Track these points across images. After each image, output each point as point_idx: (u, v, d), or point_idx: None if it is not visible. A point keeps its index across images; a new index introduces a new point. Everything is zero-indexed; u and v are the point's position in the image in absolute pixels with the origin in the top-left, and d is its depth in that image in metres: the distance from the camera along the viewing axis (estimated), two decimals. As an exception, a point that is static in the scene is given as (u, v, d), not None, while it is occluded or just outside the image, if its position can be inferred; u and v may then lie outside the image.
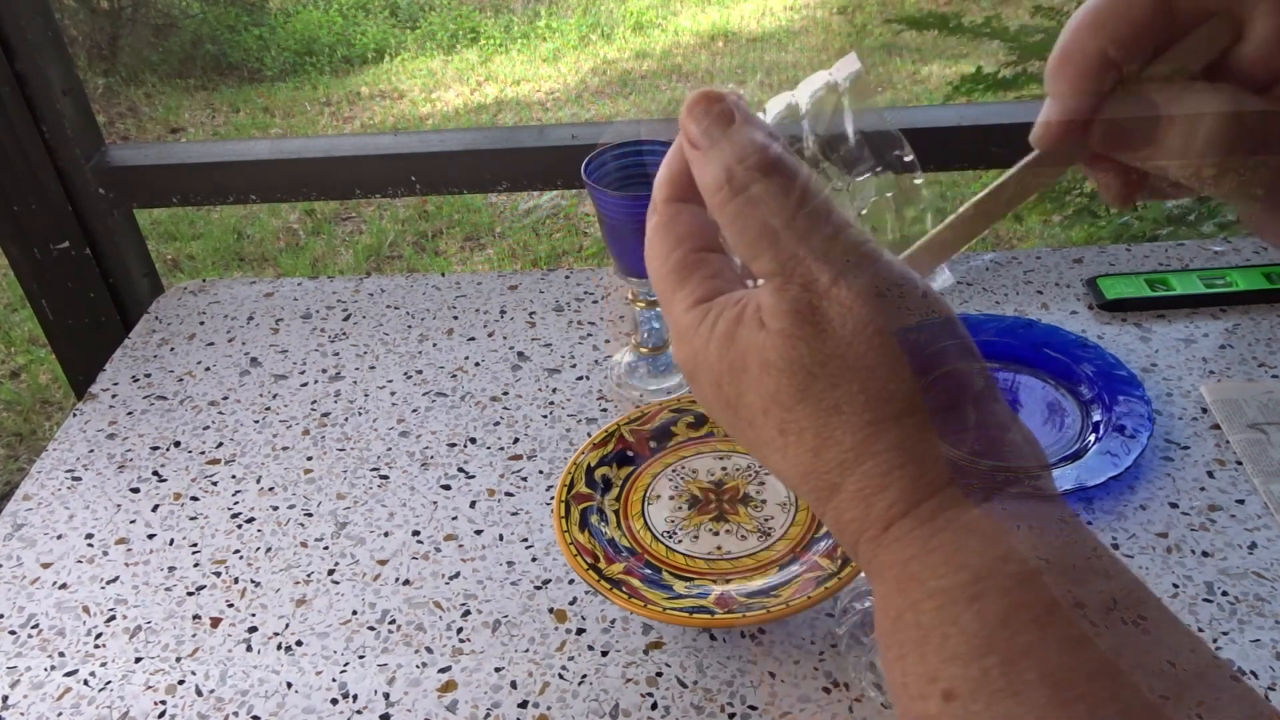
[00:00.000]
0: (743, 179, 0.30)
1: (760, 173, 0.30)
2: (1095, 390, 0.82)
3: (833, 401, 0.29)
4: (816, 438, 0.29)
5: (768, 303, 0.30)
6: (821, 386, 0.29)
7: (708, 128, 0.31)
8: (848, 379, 0.29)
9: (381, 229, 3.14)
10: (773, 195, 0.29)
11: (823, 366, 0.29)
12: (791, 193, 0.30)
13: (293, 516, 0.78)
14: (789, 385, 0.29)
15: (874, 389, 0.29)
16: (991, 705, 0.25)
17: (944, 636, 0.26)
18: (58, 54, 1.02)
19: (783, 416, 0.30)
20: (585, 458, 0.73)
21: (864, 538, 0.30)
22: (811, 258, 0.29)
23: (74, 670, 0.67)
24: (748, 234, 0.30)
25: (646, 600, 0.62)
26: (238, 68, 4.59)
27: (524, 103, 4.13)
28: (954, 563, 0.28)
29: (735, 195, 0.30)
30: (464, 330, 0.98)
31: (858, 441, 0.29)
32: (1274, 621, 0.65)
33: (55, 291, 1.11)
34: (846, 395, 0.29)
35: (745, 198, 0.30)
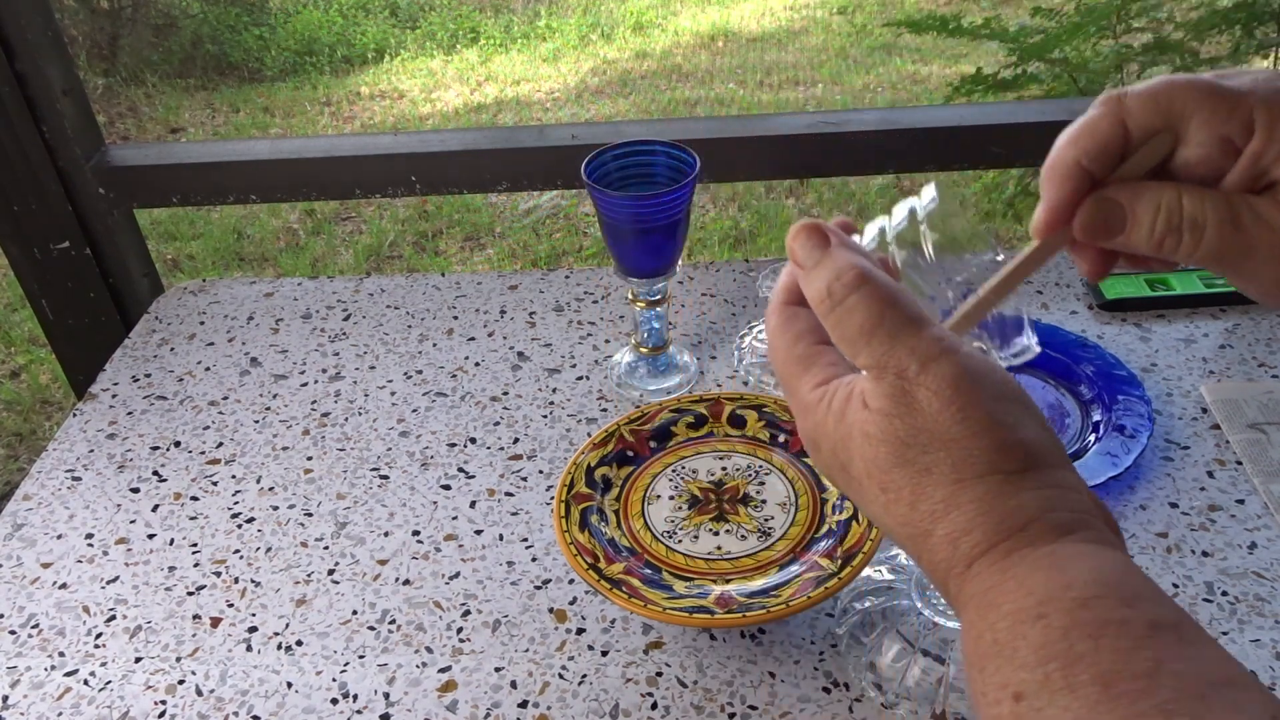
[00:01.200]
0: (839, 292, 0.38)
1: (852, 287, 0.37)
2: (1095, 390, 0.82)
3: (924, 465, 0.36)
4: (912, 494, 0.36)
5: (869, 388, 0.37)
6: (914, 453, 0.36)
7: (810, 250, 0.39)
8: (936, 447, 0.36)
9: (381, 229, 3.14)
10: (864, 304, 0.37)
11: (915, 437, 0.36)
12: (879, 302, 0.37)
13: (293, 516, 0.78)
14: (887, 453, 0.36)
15: (958, 455, 0.35)
16: (1053, 701, 0.30)
17: (1014, 649, 0.32)
18: (58, 54, 1.02)
19: (883, 478, 0.37)
20: (585, 458, 0.73)
21: (952, 574, 0.36)
22: (900, 352, 0.36)
23: (74, 670, 0.67)
24: (848, 335, 0.37)
25: (646, 600, 0.62)
26: (238, 68, 4.59)
27: (524, 103, 4.13)
28: (1024, 589, 0.33)
29: (835, 306, 0.38)
30: (464, 330, 0.98)
31: (946, 496, 0.35)
32: (1274, 621, 0.65)
33: (55, 291, 1.11)
34: (935, 460, 0.36)
35: (843, 308, 0.37)
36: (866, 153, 1.07)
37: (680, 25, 4.95)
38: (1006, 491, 0.35)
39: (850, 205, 3.11)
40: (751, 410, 0.76)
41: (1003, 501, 0.35)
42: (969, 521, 0.35)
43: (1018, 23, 2.19)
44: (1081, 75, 2.14)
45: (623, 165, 0.81)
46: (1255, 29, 2.01)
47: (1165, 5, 2.16)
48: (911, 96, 3.91)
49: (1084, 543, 0.35)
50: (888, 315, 0.37)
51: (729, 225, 3.01)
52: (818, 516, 0.69)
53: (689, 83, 4.23)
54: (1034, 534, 0.35)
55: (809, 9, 5.07)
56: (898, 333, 0.37)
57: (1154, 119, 0.38)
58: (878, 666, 0.62)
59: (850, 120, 1.06)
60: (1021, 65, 2.15)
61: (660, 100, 4.07)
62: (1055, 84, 2.16)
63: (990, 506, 0.35)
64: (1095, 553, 0.34)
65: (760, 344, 0.91)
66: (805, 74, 4.24)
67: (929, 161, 1.09)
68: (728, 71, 4.33)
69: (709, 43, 4.73)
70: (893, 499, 0.36)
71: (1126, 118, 0.38)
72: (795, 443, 0.74)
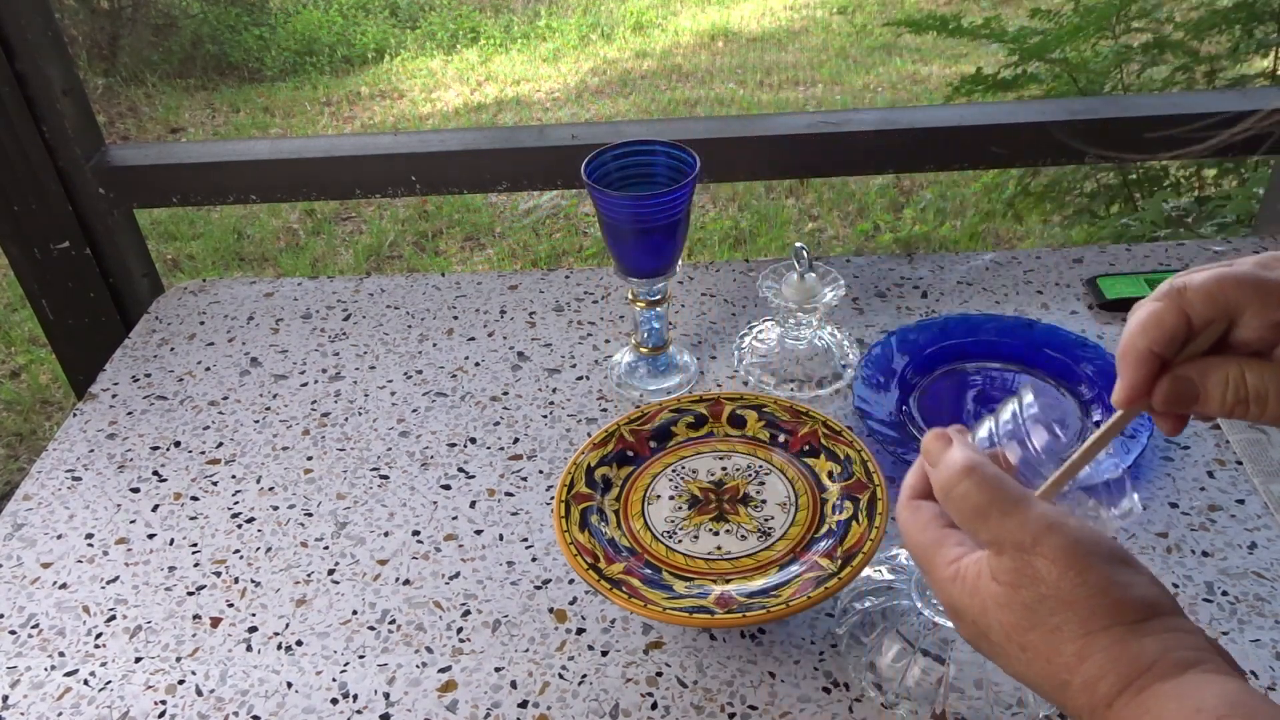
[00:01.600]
0: (954, 481, 0.44)
1: (964, 475, 0.44)
2: (1095, 390, 0.82)
3: (1053, 625, 0.41)
4: (1047, 651, 0.41)
5: (993, 564, 0.43)
6: (1043, 616, 0.41)
7: (934, 451, 0.47)
8: (1061, 609, 0.41)
9: (381, 229, 3.14)
10: (975, 490, 0.43)
11: (1041, 603, 0.41)
12: (988, 487, 0.43)
13: (293, 516, 0.78)
14: (1019, 619, 0.42)
15: (1083, 613, 0.41)
16: None
17: None
18: (58, 54, 1.02)
19: (1020, 640, 0.42)
20: (585, 458, 0.73)
21: (1095, 716, 0.40)
22: (1012, 528, 0.42)
23: (74, 670, 0.67)
24: (966, 519, 0.44)
25: (646, 600, 0.62)
26: (238, 68, 4.59)
27: (524, 103, 4.13)
28: (1161, 718, 0.38)
29: (949, 494, 0.44)
30: (464, 330, 0.98)
31: (1077, 650, 0.40)
32: (1274, 621, 0.65)
33: (55, 291, 1.11)
34: (1063, 620, 0.41)
35: (958, 492, 0.44)
36: (866, 153, 1.07)
37: (680, 25, 4.95)
38: (1130, 639, 0.40)
39: (850, 205, 3.11)
40: (751, 410, 0.76)
41: (1128, 648, 0.40)
42: (1100, 669, 0.40)
43: (1017, 23, 2.19)
44: (1081, 75, 2.14)
45: (623, 165, 0.81)
46: (1255, 29, 2.01)
47: (1165, 5, 2.16)
48: (911, 96, 3.91)
49: (1206, 674, 0.39)
50: (997, 498, 0.43)
51: (729, 225, 3.01)
52: (818, 516, 0.69)
53: (689, 83, 4.23)
54: (1161, 671, 0.39)
55: (809, 9, 5.07)
56: (1009, 511, 0.43)
57: (1212, 312, 0.43)
58: (878, 666, 0.62)
59: (850, 120, 1.06)
60: (1021, 65, 2.14)
61: (660, 100, 4.06)
62: (1055, 84, 2.16)
63: (1119, 654, 0.40)
64: (1218, 680, 0.39)
65: (760, 343, 0.91)
66: (805, 74, 4.24)
67: (929, 161, 1.09)
68: (728, 71, 4.33)
69: (709, 43, 4.73)
70: (1031, 657, 0.42)
71: (1189, 310, 0.43)
72: (795, 443, 0.74)
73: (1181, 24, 2.11)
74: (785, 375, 0.87)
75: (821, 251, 2.87)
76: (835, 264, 1.02)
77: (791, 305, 0.85)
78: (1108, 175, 2.23)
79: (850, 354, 0.89)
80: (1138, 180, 2.19)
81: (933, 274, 1.01)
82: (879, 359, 0.86)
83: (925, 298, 0.98)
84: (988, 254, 1.04)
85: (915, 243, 2.87)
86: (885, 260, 1.04)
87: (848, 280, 1.00)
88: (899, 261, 1.03)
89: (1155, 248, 1.03)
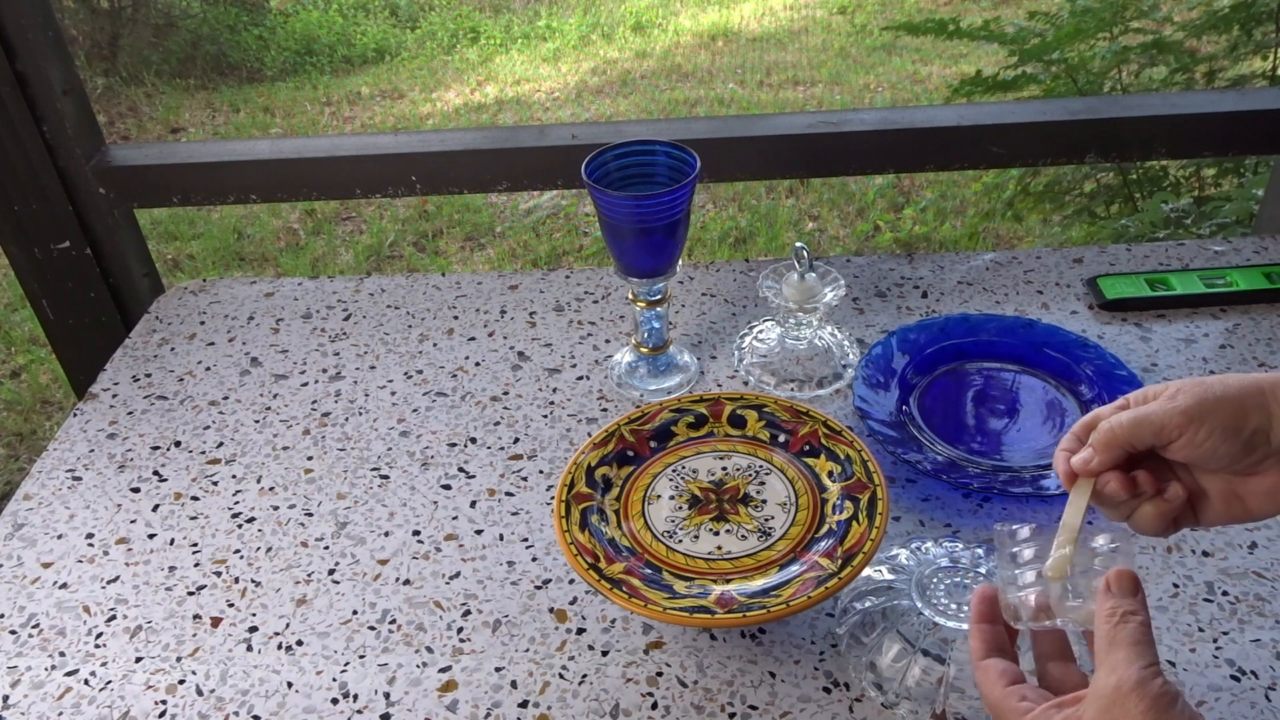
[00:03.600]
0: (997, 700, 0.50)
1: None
2: (1095, 390, 0.82)
3: None
4: None
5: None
6: None
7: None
8: None
9: (381, 229, 3.14)
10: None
11: None
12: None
13: (293, 516, 0.78)
14: None
15: None
16: None
17: None
18: (58, 54, 1.02)
19: None
20: (585, 457, 0.73)
21: None
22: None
23: (74, 670, 0.67)
24: None
25: (646, 600, 0.62)
26: (238, 68, 4.59)
27: (524, 103, 4.13)
28: None
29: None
30: (464, 330, 0.98)
31: None
32: (1274, 621, 0.65)
33: (55, 291, 1.11)
34: None
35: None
36: (866, 153, 1.07)
37: (680, 25, 4.95)
38: None
39: (850, 205, 3.11)
40: (751, 410, 0.76)
41: None
42: None
43: (1013, 24, 2.19)
44: (1080, 75, 2.14)
45: (623, 165, 0.81)
46: (1253, 29, 2.01)
47: (1164, 6, 2.17)
48: (911, 96, 3.91)
49: None
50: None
51: (729, 225, 3.01)
52: (818, 516, 0.69)
53: (689, 83, 4.23)
54: None
55: (809, 9, 5.07)
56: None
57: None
58: (878, 666, 0.62)
59: (850, 120, 1.06)
60: (1021, 66, 2.14)
61: (660, 100, 4.06)
62: (1054, 84, 2.16)
63: None
64: None
65: (759, 343, 0.91)
66: (805, 74, 4.24)
67: (929, 161, 1.09)
68: (728, 71, 4.33)
69: (709, 43, 4.73)
70: None
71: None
72: (795, 443, 0.74)
73: (1180, 25, 2.11)
74: (785, 375, 0.87)
75: (821, 251, 2.87)
76: (835, 264, 1.02)
77: (791, 305, 0.85)
78: (1107, 175, 2.23)
79: (850, 354, 0.89)
80: (1137, 180, 2.19)
81: (933, 274, 1.01)
82: (879, 359, 0.86)
83: (925, 298, 0.98)
84: (988, 254, 1.04)
85: (915, 243, 2.87)
86: (885, 260, 1.04)
87: (848, 280, 1.00)
88: (899, 261, 1.03)
89: (1155, 248, 1.03)
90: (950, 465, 0.76)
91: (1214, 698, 0.61)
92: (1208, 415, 0.50)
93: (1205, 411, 0.50)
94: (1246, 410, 0.50)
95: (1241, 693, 0.61)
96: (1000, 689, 0.50)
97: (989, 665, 0.51)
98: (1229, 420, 0.50)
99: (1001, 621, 0.53)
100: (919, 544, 0.66)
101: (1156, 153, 1.10)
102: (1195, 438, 0.51)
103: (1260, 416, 0.50)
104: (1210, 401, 0.50)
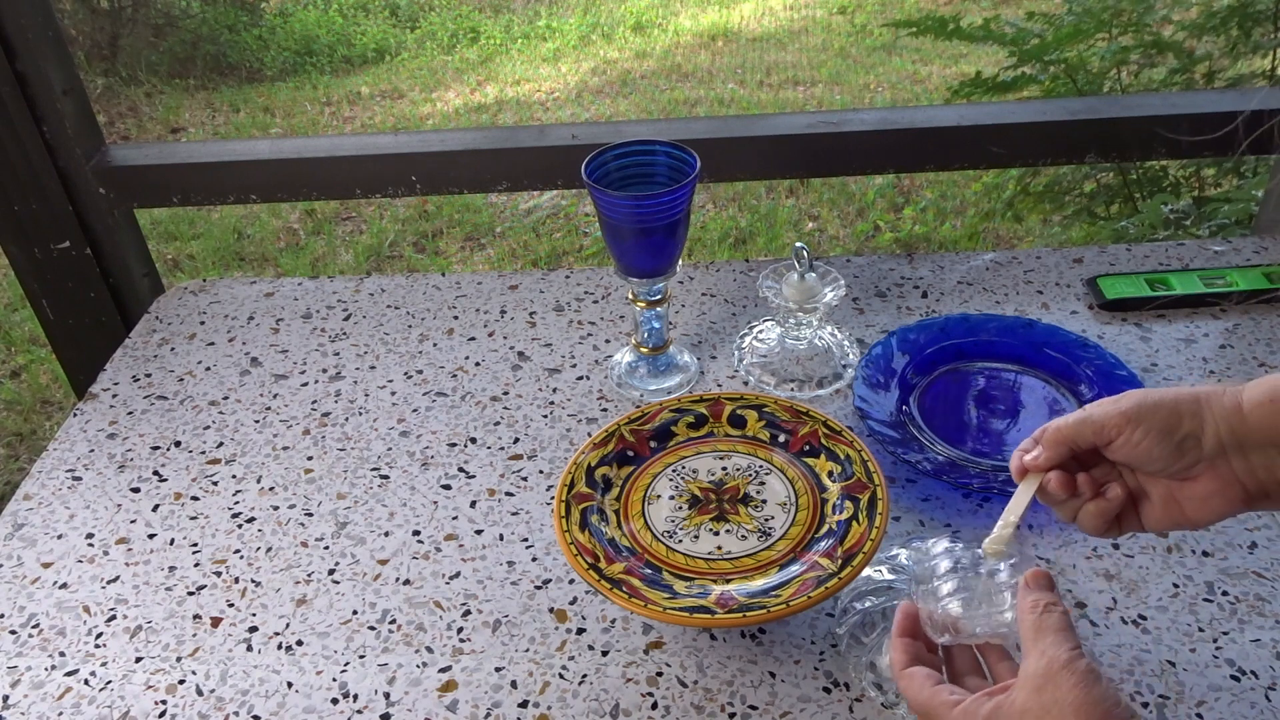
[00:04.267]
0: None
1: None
2: (1095, 390, 0.82)
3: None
4: None
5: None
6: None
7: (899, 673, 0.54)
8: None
9: (381, 229, 3.14)
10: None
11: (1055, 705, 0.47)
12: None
13: (293, 516, 0.78)
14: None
15: None
16: None
17: None
18: (58, 54, 1.02)
19: None
20: (585, 457, 0.73)
21: None
22: None
23: (74, 670, 0.67)
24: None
25: (646, 600, 0.62)
26: (238, 68, 4.59)
27: (524, 103, 4.13)
28: None
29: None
30: (464, 330, 0.98)
31: None
32: (1274, 621, 0.65)
33: (55, 291, 1.11)
34: None
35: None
36: (866, 153, 1.07)
37: (680, 25, 4.95)
38: None
39: (850, 205, 3.11)
40: (751, 410, 0.76)
41: None
42: None
43: (1013, 24, 2.18)
44: (1080, 76, 2.14)
45: (623, 165, 0.81)
46: (1252, 29, 2.01)
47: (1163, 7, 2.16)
48: (911, 96, 3.91)
49: None
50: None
51: (729, 225, 3.01)
52: (818, 516, 0.69)
53: (689, 83, 4.23)
54: None
55: (809, 9, 5.07)
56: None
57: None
58: (878, 666, 0.62)
59: (850, 120, 1.06)
60: (1021, 66, 2.14)
61: (660, 100, 4.06)
62: (1054, 84, 2.16)
63: None
64: None
65: (760, 343, 0.91)
66: (805, 74, 4.24)
67: (929, 161, 1.09)
68: (728, 71, 4.33)
69: (709, 43, 4.73)
70: None
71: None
72: (795, 443, 0.74)
73: (1180, 24, 2.11)
74: (785, 375, 0.87)
75: (821, 251, 2.87)
76: (835, 264, 1.02)
77: (791, 305, 0.85)
78: (1107, 175, 2.23)
79: (850, 354, 0.89)
80: (1137, 180, 2.19)
81: (933, 274, 1.01)
82: (879, 359, 0.86)
83: (925, 298, 0.98)
84: (988, 254, 1.04)
85: (915, 243, 2.87)
86: (885, 260, 1.04)
87: (848, 280, 1.00)
88: (899, 261, 1.03)
89: (1155, 248, 1.03)
90: (950, 465, 0.76)
91: (1214, 698, 0.61)
92: (1144, 417, 0.53)
93: (1143, 414, 0.53)
94: (1181, 414, 0.53)
95: (1241, 693, 0.61)
96: (927, 689, 0.52)
97: (913, 672, 0.53)
98: (1163, 423, 0.53)
99: (922, 636, 0.56)
100: (919, 544, 0.66)
101: (1156, 153, 1.10)
102: (1132, 438, 0.53)
103: (1193, 422, 0.53)
104: (1148, 405, 0.53)
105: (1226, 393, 0.53)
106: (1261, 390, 0.52)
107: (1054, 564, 0.70)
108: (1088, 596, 0.68)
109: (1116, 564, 0.70)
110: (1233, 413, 0.52)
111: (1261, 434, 0.52)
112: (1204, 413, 0.53)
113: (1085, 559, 0.70)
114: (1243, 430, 0.52)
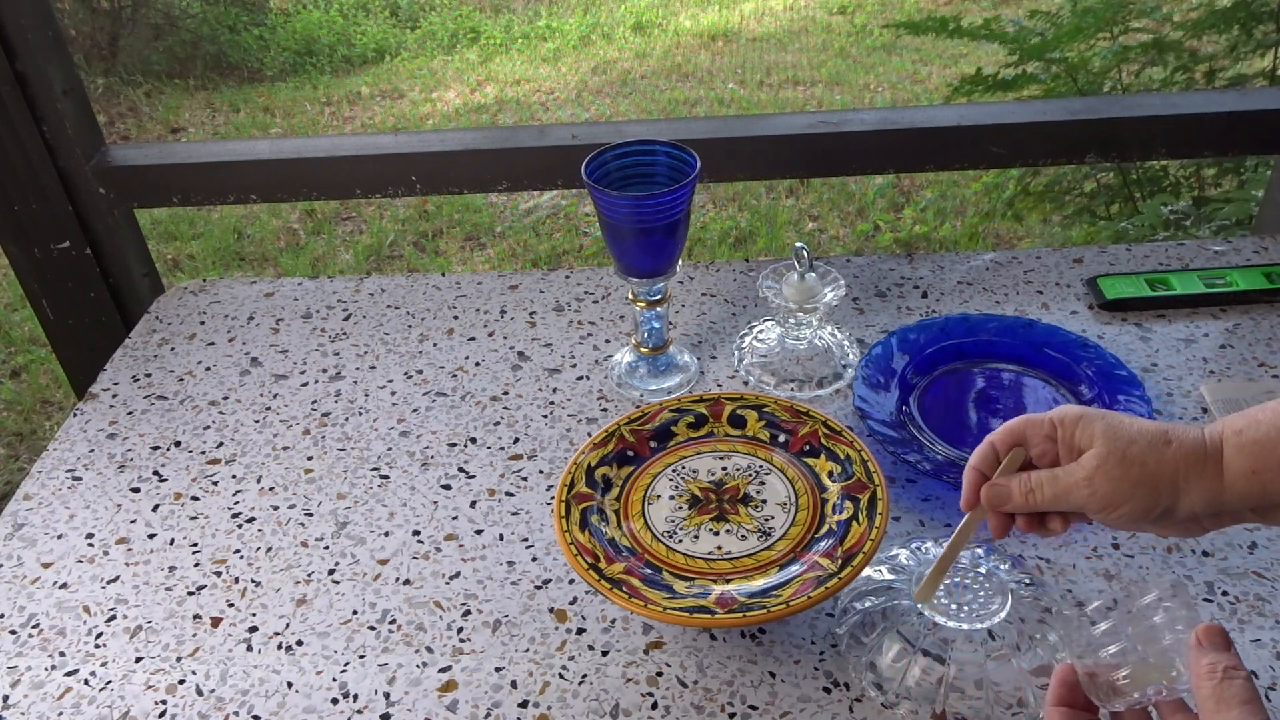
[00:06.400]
0: None
1: None
2: (1095, 390, 0.82)
3: None
4: None
5: None
6: None
7: None
8: None
9: (381, 229, 3.14)
10: None
11: None
12: None
13: (293, 516, 0.78)
14: None
15: None
16: None
17: None
18: (58, 54, 1.02)
19: None
20: (585, 457, 0.73)
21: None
22: None
23: (74, 670, 0.67)
24: None
25: (646, 600, 0.62)
26: (238, 68, 4.59)
27: (524, 103, 4.13)
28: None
29: None
30: (464, 330, 0.98)
31: None
32: (1274, 621, 0.65)
33: (55, 291, 1.11)
34: None
35: None
36: (866, 153, 1.07)
37: (680, 25, 4.95)
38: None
39: (850, 205, 3.11)
40: (751, 410, 0.76)
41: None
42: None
43: (1013, 23, 2.18)
44: (1081, 75, 2.14)
45: (623, 165, 0.81)
46: (1254, 29, 2.01)
47: (1164, 5, 2.17)
48: (911, 96, 3.91)
49: None
50: None
51: (729, 225, 3.01)
52: (818, 516, 0.69)
53: (689, 83, 4.23)
54: None
55: (809, 9, 5.07)
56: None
57: (1009, 440, 0.58)
58: (878, 666, 0.62)
59: (850, 120, 1.06)
60: (1021, 66, 2.14)
61: (660, 100, 4.06)
62: (1054, 84, 2.16)
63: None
64: None
65: (760, 343, 0.91)
66: (805, 74, 4.24)
67: (929, 161, 1.09)
68: (728, 71, 4.33)
69: (709, 43, 4.73)
70: None
71: (995, 440, 0.58)
72: (795, 443, 0.74)
73: (1181, 24, 2.11)
74: (785, 375, 0.87)
75: (821, 251, 2.87)
76: (835, 264, 1.02)
77: (791, 305, 0.85)
78: (1107, 175, 2.23)
79: (850, 354, 0.89)
80: (1137, 180, 2.19)
81: (933, 274, 1.01)
82: (879, 359, 0.86)
83: (925, 298, 0.98)
84: (988, 254, 1.04)
85: (915, 243, 2.87)
86: (885, 260, 1.04)
87: (848, 280, 1.00)
88: (899, 261, 1.03)
89: (1155, 248, 1.03)
90: (950, 465, 0.76)
91: (1214, 698, 0.61)
92: (1122, 502, 0.53)
93: (1119, 499, 0.53)
94: (1159, 495, 0.53)
95: (1241, 693, 0.61)
96: None
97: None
98: (1140, 507, 0.53)
99: (1081, 704, 0.51)
100: (919, 544, 0.66)
101: (1156, 153, 1.10)
102: (1109, 518, 0.54)
103: (1169, 498, 0.53)
104: (1126, 489, 0.53)
105: (1208, 460, 0.52)
106: (1245, 461, 0.51)
107: (1053, 564, 0.70)
108: (1088, 596, 0.68)
109: (1116, 564, 0.70)
110: (1212, 482, 0.52)
111: (1240, 502, 0.52)
112: (1180, 485, 0.52)
113: (1085, 559, 0.70)
114: (1221, 500, 0.52)
